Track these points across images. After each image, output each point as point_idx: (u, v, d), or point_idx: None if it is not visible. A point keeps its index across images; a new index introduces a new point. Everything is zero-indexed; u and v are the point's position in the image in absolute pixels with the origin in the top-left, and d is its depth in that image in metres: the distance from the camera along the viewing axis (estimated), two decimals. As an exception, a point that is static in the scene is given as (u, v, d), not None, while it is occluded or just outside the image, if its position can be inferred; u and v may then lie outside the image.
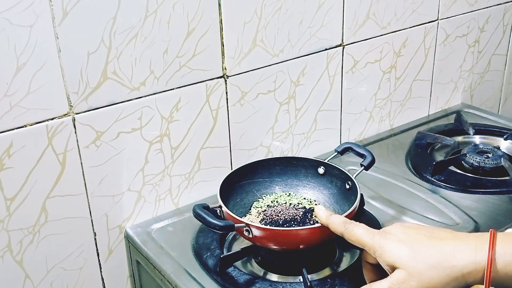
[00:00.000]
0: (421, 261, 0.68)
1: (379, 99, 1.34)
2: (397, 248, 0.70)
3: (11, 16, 0.82)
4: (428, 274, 0.67)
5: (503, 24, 1.52)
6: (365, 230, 0.74)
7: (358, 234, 0.74)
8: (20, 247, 0.94)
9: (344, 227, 0.77)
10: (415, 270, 0.67)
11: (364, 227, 0.75)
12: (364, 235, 0.74)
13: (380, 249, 0.71)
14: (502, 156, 1.20)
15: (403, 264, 0.68)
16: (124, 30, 0.92)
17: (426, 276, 0.67)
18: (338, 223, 0.78)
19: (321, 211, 0.83)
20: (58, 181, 0.94)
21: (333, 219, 0.80)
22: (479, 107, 1.53)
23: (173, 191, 1.09)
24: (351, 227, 0.76)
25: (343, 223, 0.77)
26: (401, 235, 0.71)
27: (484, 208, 1.06)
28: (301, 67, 1.17)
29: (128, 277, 1.09)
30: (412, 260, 0.68)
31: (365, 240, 0.73)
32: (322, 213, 0.82)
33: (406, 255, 0.68)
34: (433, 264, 0.67)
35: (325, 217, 0.81)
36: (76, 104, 0.92)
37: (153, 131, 1.02)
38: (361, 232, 0.74)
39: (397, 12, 1.27)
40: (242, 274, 0.89)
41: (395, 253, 0.69)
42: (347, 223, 0.77)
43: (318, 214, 0.83)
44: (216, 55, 1.04)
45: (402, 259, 0.68)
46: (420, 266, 0.67)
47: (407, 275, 0.68)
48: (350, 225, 0.76)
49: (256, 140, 1.16)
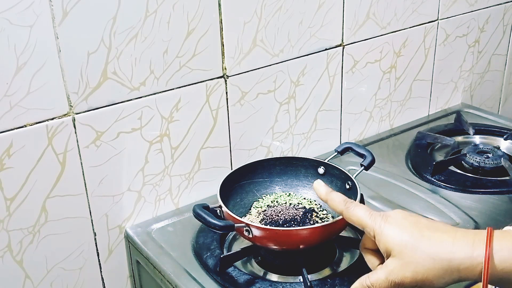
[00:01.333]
0: (419, 251, 0.67)
1: (379, 99, 1.34)
2: (397, 233, 0.68)
3: (11, 16, 0.82)
4: (423, 265, 0.66)
5: (503, 24, 1.52)
6: (366, 210, 0.73)
7: (359, 214, 0.72)
8: (20, 247, 0.94)
9: (344, 205, 0.74)
10: (412, 260, 0.67)
11: (365, 208, 0.73)
12: (365, 216, 0.72)
13: (380, 233, 0.70)
14: (502, 156, 1.20)
15: (399, 252, 0.67)
16: (124, 30, 0.92)
17: (422, 267, 0.66)
18: (339, 201, 0.76)
19: (321, 186, 0.79)
20: (58, 181, 0.94)
21: (333, 195, 0.77)
22: (479, 107, 1.53)
23: (173, 191, 1.09)
24: (352, 206, 0.74)
25: (343, 201, 0.75)
26: (402, 221, 0.70)
27: (484, 208, 1.06)
28: (301, 67, 1.17)
29: (128, 277, 1.09)
30: (409, 249, 0.67)
31: (366, 220, 0.71)
32: (322, 189, 0.79)
33: (405, 243, 0.67)
34: (431, 255, 0.66)
35: (325, 192, 0.78)
36: (76, 104, 0.92)
37: (153, 131, 1.02)
38: (362, 212, 0.72)
39: (397, 12, 1.27)
40: (242, 274, 0.89)
41: (394, 239, 0.68)
42: (347, 201, 0.75)
43: (317, 189, 0.80)
44: (216, 55, 1.04)
45: (400, 247, 0.67)
46: (417, 256, 0.67)
47: (403, 264, 0.67)
48: (350, 204, 0.74)
49: (256, 140, 1.16)
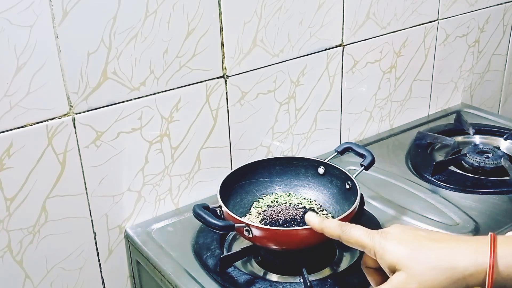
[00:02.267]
0: (421, 262, 0.67)
1: (379, 99, 1.34)
2: (397, 248, 0.69)
3: (11, 16, 0.82)
4: (428, 276, 0.66)
5: (503, 24, 1.52)
6: (363, 231, 0.72)
7: (357, 236, 0.72)
8: (20, 247, 0.94)
9: (340, 230, 0.74)
10: (415, 272, 0.67)
11: (361, 228, 0.73)
12: (363, 236, 0.72)
13: (380, 250, 0.70)
14: (502, 156, 1.20)
15: (403, 266, 0.68)
16: (124, 30, 0.92)
17: (427, 278, 0.66)
18: (333, 226, 0.75)
19: (312, 217, 0.79)
20: (58, 181, 0.94)
21: (327, 223, 0.77)
22: (479, 107, 1.53)
23: (173, 191, 1.09)
24: (348, 229, 0.73)
25: (338, 226, 0.75)
26: (401, 235, 0.70)
27: (484, 208, 1.06)
28: (301, 67, 1.17)
29: (128, 277, 1.09)
30: (413, 261, 0.67)
31: (364, 241, 0.71)
32: (314, 219, 0.78)
33: (406, 256, 0.68)
34: (433, 265, 0.66)
35: (318, 222, 0.78)
36: (76, 104, 0.92)
37: (153, 131, 1.02)
38: (359, 233, 0.72)
39: (397, 12, 1.27)
40: (242, 274, 0.89)
41: (396, 254, 0.68)
42: (343, 225, 0.74)
43: (310, 221, 0.79)
44: (216, 55, 1.04)
45: (403, 260, 0.68)
46: (421, 268, 0.67)
47: (408, 277, 0.67)
48: (346, 227, 0.74)
49: (256, 140, 1.16)
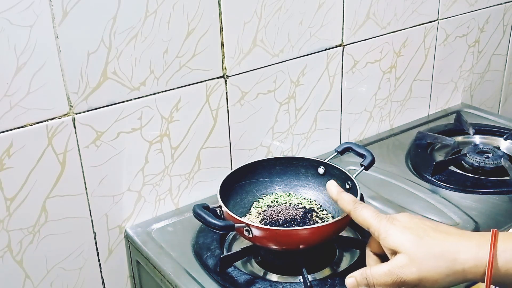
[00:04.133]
0: (424, 249, 0.68)
1: (379, 99, 1.34)
2: (402, 233, 0.69)
3: (11, 16, 0.82)
4: (429, 263, 0.67)
5: (503, 24, 1.52)
6: (372, 212, 0.74)
7: (365, 215, 0.74)
8: (20, 247, 0.94)
9: (352, 206, 0.77)
10: (417, 257, 0.67)
11: (372, 210, 0.75)
12: (371, 217, 0.74)
13: (384, 233, 0.71)
14: (502, 156, 1.20)
15: (406, 249, 0.68)
16: (124, 30, 0.92)
17: (427, 265, 0.67)
18: (348, 201, 0.78)
19: (333, 186, 0.82)
20: (58, 181, 0.94)
21: (343, 195, 0.79)
22: (479, 107, 1.53)
23: (173, 191, 1.09)
24: (359, 207, 0.76)
25: (352, 202, 0.77)
26: (407, 223, 0.71)
27: (484, 208, 1.06)
28: (301, 67, 1.17)
29: (128, 277, 1.09)
30: (416, 247, 0.68)
31: (372, 222, 0.73)
32: (333, 189, 0.81)
33: (410, 241, 0.68)
34: (436, 254, 0.67)
35: (336, 192, 0.81)
36: (76, 104, 0.92)
37: (153, 131, 1.02)
38: (369, 213, 0.74)
39: (397, 12, 1.27)
40: (242, 274, 0.89)
41: (399, 238, 0.69)
42: (356, 202, 0.77)
43: (329, 189, 0.82)
44: (216, 55, 1.04)
45: (406, 245, 0.68)
46: (423, 254, 0.67)
47: (408, 260, 0.68)
48: (359, 205, 0.77)
49: (256, 140, 1.16)
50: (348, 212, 0.78)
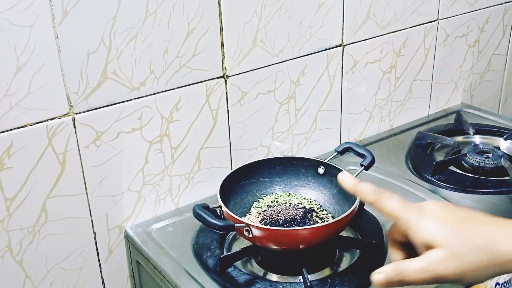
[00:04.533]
0: (464, 242, 0.63)
1: (379, 99, 1.34)
2: (437, 226, 0.64)
3: (11, 16, 0.82)
4: (469, 256, 0.62)
5: (503, 24, 1.52)
6: (400, 202, 0.67)
7: (392, 206, 0.67)
8: (20, 247, 0.94)
9: (376, 197, 0.69)
10: (457, 251, 0.63)
11: (399, 199, 0.68)
12: (399, 208, 0.67)
13: (416, 226, 0.65)
14: (502, 156, 1.20)
15: (443, 243, 0.63)
16: (124, 30, 0.92)
17: (469, 258, 0.62)
18: (369, 191, 0.70)
19: (347, 178, 0.73)
20: (58, 181, 0.94)
21: (362, 186, 0.71)
22: (479, 107, 1.53)
23: (173, 191, 1.09)
24: (384, 198, 0.68)
25: (374, 193, 0.69)
26: (440, 213, 0.66)
27: (484, 208, 1.06)
28: (301, 67, 1.17)
29: (128, 277, 1.09)
30: (455, 240, 0.63)
31: (400, 213, 0.66)
32: (349, 181, 0.73)
33: (446, 233, 0.63)
34: (475, 245, 0.62)
35: (353, 184, 0.72)
36: (76, 104, 0.92)
37: (153, 131, 1.02)
38: (395, 204, 0.67)
39: (397, 12, 1.27)
40: (242, 274, 0.89)
41: (434, 231, 0.64)
42: (379, 192, 0.69)
43: (344, 181, 0.73)
44: (216, 55, 1.04)
45: (443, 238, 0.63)
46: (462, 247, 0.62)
47: (447, 255, 0.63)
48: (383, 195, 0.69)
49: (256, 140, 1.16)
50: (370, 204, 0.70)
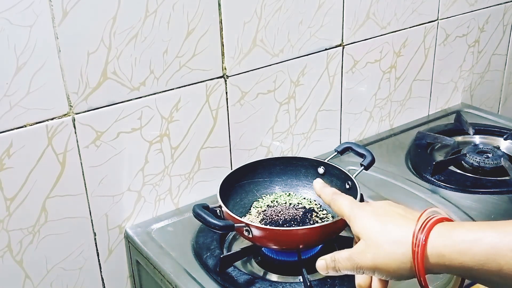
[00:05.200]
0: (382, 234, 0.66)
1: (379, 99, 1.34)
2: (367, 219, 0.69)
3: (11, 16, 0.82)
4: (384, 250, 0.65)
5: (503, 24, 1.52)
6: (348, 201, 0.75)
7: (341, 204, 0.75)
8: (20, 247, 0.94)
9: (331, 197, 0.78)
10: (373, 243, 0.66)
11: (349, 199, 0.76)
12: (346, 205, 0.74)
13: (353, 218, 0.71)
14: (502, 156, 1.20)
15: (365, 235, 0.68)
16: (124, 30, 0.92)
17: (383, 251, 0.66)
18: (328, 193, 0.79)
19: (317, 183, 0.84)
20: (58, 181, 0.94)
21: (324, 190, 0.81)
22: (479, 107, 1.53)
23: (173, 191, 1.09)
24: (336, 198, 0.77)
25: (331, 194, 0.78)
26: (378, 209, 0.70)
27: (484, 208, 1.06)
28: (301, 67, 1.17)
29: (128, 277, 1.09)
30: (375, 233, 0.67)
31: (345, 209, 0.73)
32: (317, 185, 0.83)
33: (371, 227, 0.68)
34: (393, 239, 0.65)
35: (319, 188, 0.82)
36: (76, 104, 0.92)
37: (153, 131, 1.02)
38: (344, 202, 0.75)
39: (397, 12, 1.27)
40: (242, 274, 0.89)
41: (363, 224, 0.69)
42: (335, 193, 0.78)
43: (315, 185, 0.84)
44: (216, 55, 1.04)
45: (366, 231, 0.68)
46: (380, 240, 0.66)
47: (365, 247, 0.67)
48: (337, 195, 0.77)
49: (256, 140, 1.16)
50: (328, 204, 0.79)
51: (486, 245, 0.60)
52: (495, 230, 0.61)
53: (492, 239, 0.60)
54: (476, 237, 0.61)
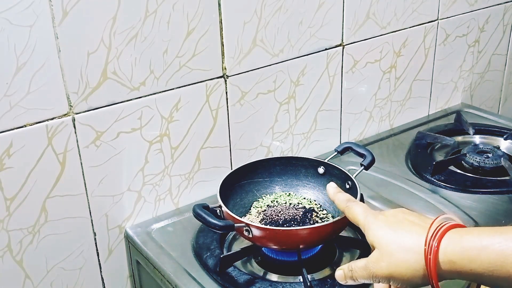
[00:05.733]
0: (395, 243, 0.67)
1: (379, 99, 1.34)
2: (380, 228, 0.69)
3: (11, 16, 0.82)
4: (398, 257, 0.66)
5: (503, 24, 1.52)
6: (363, 209, 0.75)
7: (355, 212, 0.75)
8: (20, 247, 0.94)
9: (345, 204, 0.78)
10: (387, 251, 0.67)
11: (363, 206, 0.76)
12: (360, 214, 0.74)
13: (367, 227, 0.71)
14: (502, 156, 1.20)
15: (379, 244, 0.68)
16: (124, 30, 0.92)
17: (397, 259, 0.66)
18: (342, 199, 0.79)
19: (331, 187, 0.84)
20: (58, 181, 0.94)
21: (339, 195, 0.81)
22: (479, 107, 1.53)
23: (173, 191, 1.09)
24: (351, 205, 0.77)
25: (346, 201, 0.79)
26: (390, 218, 0.70)
27: (484, 208, 1.06)
28: (301, 67, 1.17)
29: (128, 277, 1.09)
30: (387, 241, 0.68)
31: (359, 218, 0.74)
32: (331, 190, 0.83)
33: (385, 236, 0.68)
34: (406, 248, 0.66)
35: (333, 193, 0.82)
36: (76, 104, 0.92)
37: (153, 131, 1.02)
38: (358, 210, 0.75)
39: (397, 12, 1.27)
40: (242, 274, 0.89)
41: (377, 233, 0.69)
42: (350, 200, 0.78)
43: (328, 190, 0.84)
44: (216, 55, 1.04)
45: (380, 240, 0.68)
46: (393, 248, 0.67)
47: (380, 255, 0.68)
48: (351, 203, 0.77)
49: (256, 140, 1.16)
50: (342, 210, 0.79)
51: (494, 252, 0.60)
52: (504, 237, 0.61)
53: (500, 246, 0.60)
54: (485, 244, 0.61)
